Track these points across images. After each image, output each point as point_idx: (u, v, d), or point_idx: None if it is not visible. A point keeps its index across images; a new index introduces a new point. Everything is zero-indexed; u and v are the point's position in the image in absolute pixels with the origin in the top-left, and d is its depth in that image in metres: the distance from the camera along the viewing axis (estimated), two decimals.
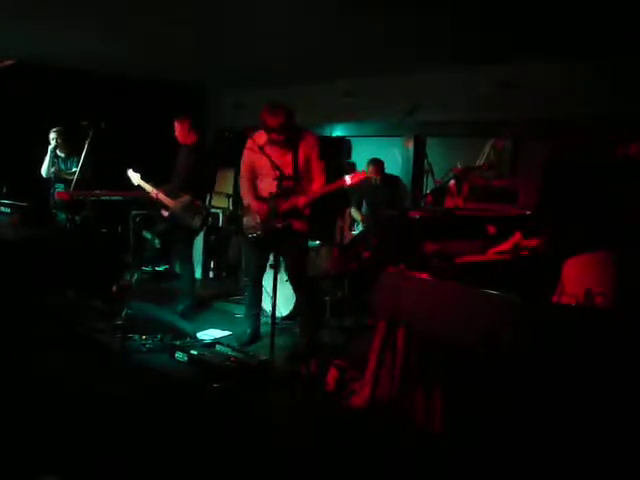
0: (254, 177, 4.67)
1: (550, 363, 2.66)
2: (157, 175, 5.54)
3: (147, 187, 5.51)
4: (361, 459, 3.03)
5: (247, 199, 4.70)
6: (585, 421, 2.60)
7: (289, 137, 4.38)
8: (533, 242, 3.29)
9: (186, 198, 5.29)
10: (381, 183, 6.31)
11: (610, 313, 2.71)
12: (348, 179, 4.25)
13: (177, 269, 6.16)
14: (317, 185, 4.47)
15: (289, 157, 4.41)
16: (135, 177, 5.55)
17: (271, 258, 5.08)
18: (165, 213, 5.39)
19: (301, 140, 4.45)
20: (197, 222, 5.32)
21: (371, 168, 6.32)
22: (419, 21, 4.86)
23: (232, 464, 2.96)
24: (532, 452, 2.71)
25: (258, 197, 4.60)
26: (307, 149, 4.45)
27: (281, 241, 4.56)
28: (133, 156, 5.85)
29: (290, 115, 4.32)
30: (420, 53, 5.96)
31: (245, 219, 4.72)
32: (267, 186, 4.49)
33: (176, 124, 5.41)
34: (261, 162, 4.44)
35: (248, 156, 4.63)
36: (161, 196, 5.41)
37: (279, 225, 4.36)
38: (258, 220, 4.56)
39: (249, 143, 4.49)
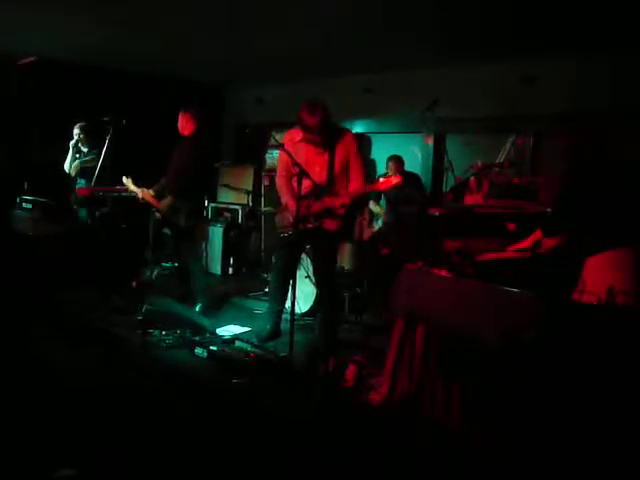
0: (290, 176, 4.56)
1: (570, 361, 2.64)
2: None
3: (136, 191, 5.42)
4: (379, 456, 3.03)
5: (284, 198, 4.60)
6: (604, 419, 2.58)
7: (326, 137, 4.31)
8: (553, 240, 3.27)
9: (169, 198, 5.21)
10: (404, 180, 6.29)
11: (632, 311, 2.68)
12: (382, 184, 4.16)
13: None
14: (355, 185, 4.36)
15: (325, 157, 4.35)
16: (128, 182, 5.53)
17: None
18: (158, 215, 5.35)
19: (339, 139, 4.37)
20: (182, 220, 5.21)
21: (391, 165, 6.31)
22: (439, 17, 4.84)
23: (250, 459, 2.98)
24: (551, 450, 2.70)
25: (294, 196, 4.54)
26: (345, 148, 4.36)
27: (312, 241, 4.53)
28: (152, 153, 5.89)
29: (328, 114, 4.25)
30: (440, 49, 5.93)
31: (278, 217, 4.68)
32: (302, 185, 4.45)
33: (179, 115, 5.32)
34: (297, 160, 4.39)
35: (284, 154, 4.50)
36: (148, 198, 5.33)
37: (311, 226, 4.32)
38: (291, 220, 4.45)
39: (285, 140, 4.42)
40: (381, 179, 4.23)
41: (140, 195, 5.37)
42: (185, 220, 5.21)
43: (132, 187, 5.44)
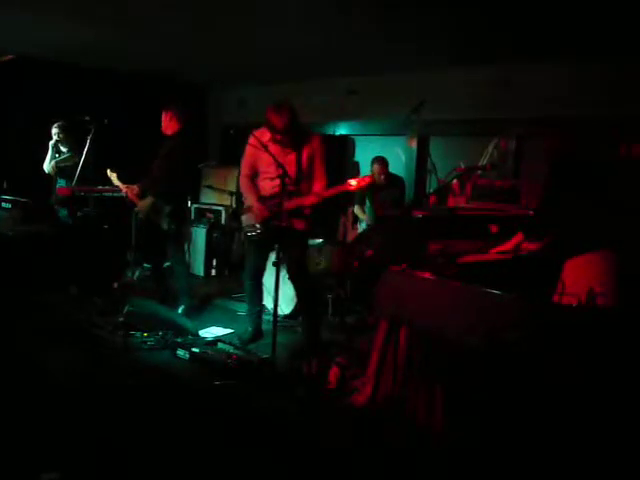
0: (255, 175, 4.62)
1: (552, 363, 2.66)
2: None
3: (121, 186, 5.42)
4: (361, 458, 3.03)
5: (248, 198, 4.63)
6: (585, 421, 2.60)
7: (293, 137, 4.36)
8: (535, 242, 3.29)
9: (149, 199, 5.18)
10: (385, 182, 6.30)
11: (611, 313, 2.71)
12: (353, 182, 4.24)
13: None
14: (318, 187, 4.43)
15: (292, 157, 4.39)
16: (113, 176, 5.49)
17: (273, 256, 5.07)
18: (141, 215, 5.32)
19: (305, 141, 4.41)
20: (164, 223, 5.18)
21: (376, 166, 6.31)
22: (423, 20, 4.86)
23: (232, 462, 2.97)
24: (532, 452, 2.71)
25: (260, 196, 4.56)
26: (311, 150, 4.41)
27: (282, 240, 4.54)
28: (136, 153, 5.84)
29: (295, 115, 4.29)
30: (424, 52, 5.95)
31: (244, 217, 4.69)
32: (268, 185, 4.48)
33: (162, 114, 5.27)
34: (263, 160, 4.43)
35: (250, 154, 4.55)
36: (131, 195, 5.31)
37: (284, 224, 4.34)
38: (257, 219, 4.50)
39: (251, 140, 4.43)
40: (352, 180, 4.26)
41: (123, 191, 5.34)
42: (167, 223, 5.17)
43: (116, 181, 5.41)
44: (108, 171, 5.48)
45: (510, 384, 2.81)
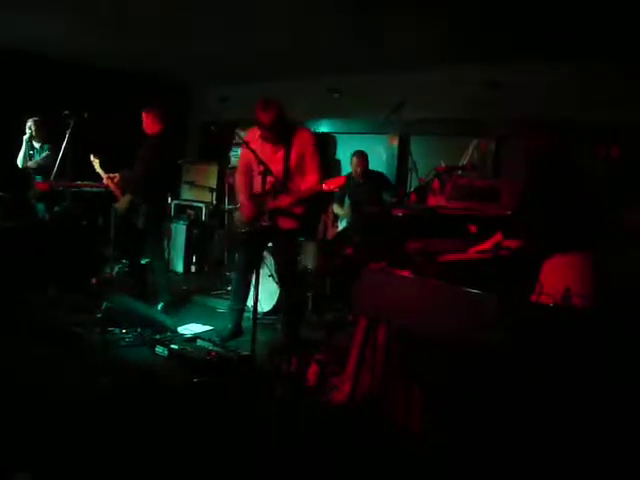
0: (249, 174, 4.60)
1: (528, 361, 2.69)
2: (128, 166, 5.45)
3: (102, 173, 5.44)
4: (339, 455, 3.04)
5: (241, 196, 4.64)
6: (562, 419, 2.64)
7: (281, 134, 4.34)
8: (513, 242, 3.32)
9: (127, 197, 5.19)
10: (363, 179, 6.31)
11: (586, 312, 2.75)
12: (324, 185, 4.21)
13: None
14: (310, 182, 4.37)
15: (280, 154, 4.37)
16: (96, 162, 5.48)
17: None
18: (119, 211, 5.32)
19: (295, 137, 4.39)
20: (140, 222, 5.18)
21: (354, 160, 6.32)
22: (406, 20, 4.87)
23: (209, 459, 2.96)
24: (509, 450, 2.74)
25: (251, 195, 4.55)
26: (301, 146, 4.38)
27: (269, 239, 4.53)
28: (115, 148, 5.79)
29: (282, 112, 4.28)
30: (405, 52, 5.97)
31: (236, 215, 4.70)
32: (257, 183, 4.48)
33: (143, 115, 5.26)
34: (253, 159, 4.40)
35: (243, 152, 4.58)
36: (111, 186, 5.34)
37: (265, 224, 4.33)
38: (244, 218, 4.53)
39: (248, 138, 4.42)
40: (323, 183, 4.26)
41: (104, 179, 5.32)
42: (144, 222, 5.16)
43: (98, 168, 5.40)
44: (91, 156, 5.46)
45: (488, 383, 2.83)
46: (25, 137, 6.24)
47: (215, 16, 5.13)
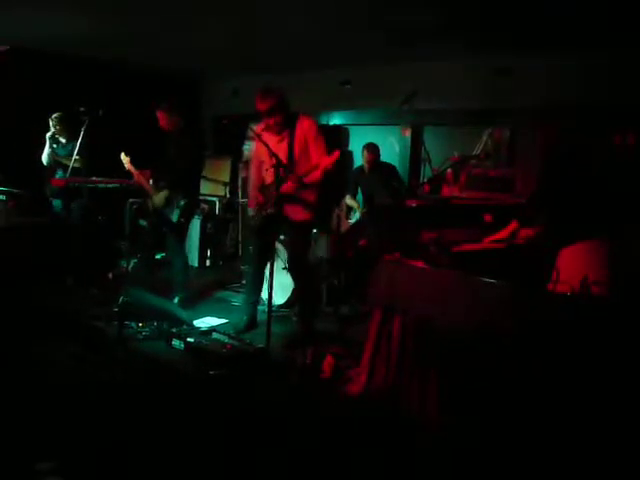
0: (260, 165, 4.68)
1: (546, 351, 2.67)
2: (150, 161, 5.49)
3: (133, 171, 5.48)
4: (356, 447, 3.04)
5: (251, 187, 4.76)
6: (580, 410, 2.62)
7: (283, 123, 4.37)
8: (529, 231, 3.30)
9: (164, 192, 5.22)
10: (375, 171, 6.29)
11: (605, 301, 2.72)
12: (321, 163, 4.21)
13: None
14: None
15: (285, 144, 4.39)
16: (126, 160, 5.52)
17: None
18: (150, 204, 5.35)
19: (296, 125, 4.40)
20: (174, 216, 5.21)
21: (365, 153, 6.31)
22: (418, 10, 4.83)
23: (227, 452, 2.98)
24: (527, 442, 2.73)
25: (260, 185, 4.63)
26: (302, 132, 4.38)
27: (279, 229, 4.54)
28: (129, 143, 5.82)
29: (281, 99, 4.30)
30: (418, 41, 5.93)
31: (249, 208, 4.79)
32: (267, 174, 4.50)
33: (158, 114, 5.28)
34: (263, 151, 4.43)
35: (257, 144, 4.59)
36: (143, 182, 5.37)
37: (270, 211, 4.36)
38: (251, 207, 4.65)
39: (260, 130, 4.47)
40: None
41: (135, 177, 5.36)
42: (177, 216, 5.22)
43: (128, 165, 5.44)
44: (122, 155, 5.50)
45: (504, 373, 2.82)
46: (48, 134, 6.26)
47: (232, 10, 5.12)
